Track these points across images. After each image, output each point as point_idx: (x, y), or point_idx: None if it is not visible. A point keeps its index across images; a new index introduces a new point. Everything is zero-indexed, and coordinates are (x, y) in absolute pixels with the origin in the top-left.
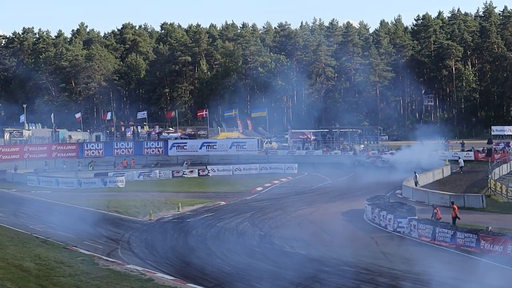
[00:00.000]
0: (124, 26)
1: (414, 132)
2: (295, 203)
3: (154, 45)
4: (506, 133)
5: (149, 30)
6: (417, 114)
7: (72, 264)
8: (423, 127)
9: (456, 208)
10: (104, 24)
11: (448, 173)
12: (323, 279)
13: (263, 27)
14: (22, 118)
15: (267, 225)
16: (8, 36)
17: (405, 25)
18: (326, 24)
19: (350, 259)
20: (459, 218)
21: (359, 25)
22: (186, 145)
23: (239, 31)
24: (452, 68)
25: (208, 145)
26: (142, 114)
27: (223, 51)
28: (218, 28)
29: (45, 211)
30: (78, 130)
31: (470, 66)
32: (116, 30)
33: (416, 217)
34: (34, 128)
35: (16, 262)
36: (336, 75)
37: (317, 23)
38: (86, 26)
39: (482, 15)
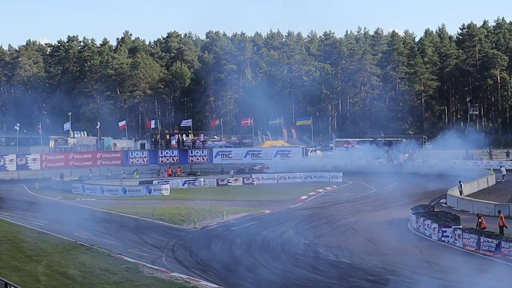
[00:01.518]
0: (169, 35)
1: (458, 141)
2: (340, 211)
3: (199, 53)
4: None
5: (194, 38)
6: (462, 123)
7: (116, 272)
8: (468, 136)
9: (503, 217)
10: (149, 32)
11: (493, 182)
12: None
13: (308, 36)
14: (67, 126)
15: (311, 234)
16: (53, 44)
17: (449, 34)
18: (371, 33)
19: (394, 268)
20: (506, 227)
21: (404, 34)
22: (230, 154)
23: (284, 39)
24: (497, 77)
25: (253, 154)
26: (187, 122)
27: (268, 59)
28: (263, 37)
29: (90, 219)
30: (123, 138)
31: None
32: (161, 39)
33: (461, 226)
34: (79, 136)
35: (61, 269)
36: (381, 84)
37: (362, 32)
38: (131, 35)
39: None
